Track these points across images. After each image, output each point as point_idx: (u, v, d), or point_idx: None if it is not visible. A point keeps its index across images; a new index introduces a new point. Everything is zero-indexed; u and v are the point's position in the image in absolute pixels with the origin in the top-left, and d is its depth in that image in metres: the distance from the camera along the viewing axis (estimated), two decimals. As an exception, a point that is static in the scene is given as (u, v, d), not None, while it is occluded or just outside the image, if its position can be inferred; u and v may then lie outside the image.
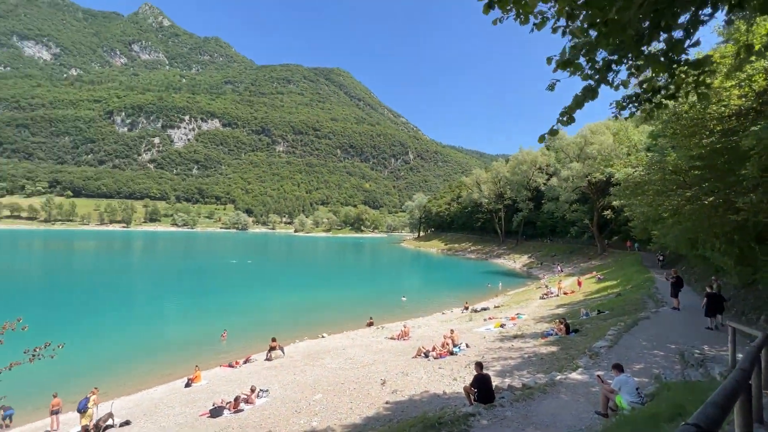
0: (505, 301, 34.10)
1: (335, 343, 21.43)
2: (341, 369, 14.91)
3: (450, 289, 47.11)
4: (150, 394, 15.42)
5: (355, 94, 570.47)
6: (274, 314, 32.53)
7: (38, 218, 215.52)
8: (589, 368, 9.39)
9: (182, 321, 31.02)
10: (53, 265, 68.43)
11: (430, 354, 15.45)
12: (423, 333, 22.34)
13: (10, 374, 16.26)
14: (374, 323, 27.35)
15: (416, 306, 36.05)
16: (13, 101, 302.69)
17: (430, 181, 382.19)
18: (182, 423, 10.95)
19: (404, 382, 12.05)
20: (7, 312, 33.14)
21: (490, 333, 19.53)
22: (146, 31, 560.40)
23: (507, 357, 13.48)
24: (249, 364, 18.83)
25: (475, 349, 15.90)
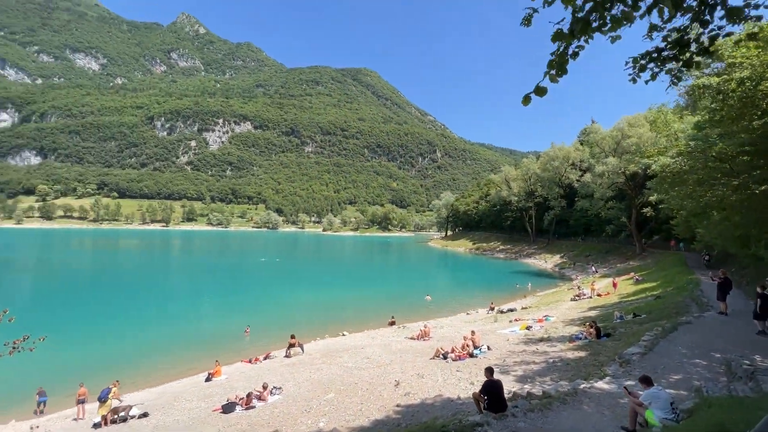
0: (534, 303, 32.68)
1: (355, 342, 21.22)
2: (357, 368, 14.63)
3: (476, 289, 45.88)
4: (172, 387, 15.81)
5: (382, 94, 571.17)
6: (298, 311, 32.83)
7: (88, 218, 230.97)
8: (618, 377, 8.54)
9: (210, 316, 31.95)
10: (101, 262, 73.00)
11: (448, 355, 14.86)
12: (445, 333, 21.69)
13: (44, 362, 17.15)
14: (396, 322, 26.95)
15: (441, 306, 35.30)
16: (66, 110, 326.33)
17: (459, 180, 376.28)
18: (195, 417, 11.03)
19: (419, 384, 11.57)
20: (56, 303, 35.48)
21: (515, 335, 18.62)
22: (183, 39, 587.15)
23: (530, 361, 12.68)
24: (268, 361, 18.96)
25: (497, 352, 15.15)
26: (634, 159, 37.57)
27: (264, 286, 47.80)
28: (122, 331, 26.48)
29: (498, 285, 47.80)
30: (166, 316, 31.35)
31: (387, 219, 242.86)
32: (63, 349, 22.91)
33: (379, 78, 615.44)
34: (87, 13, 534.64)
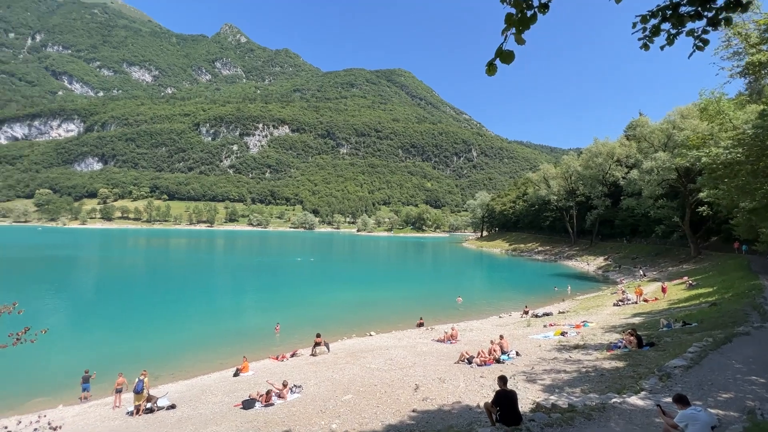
0: (572, 307, 30.89)
1: (381, 343, 21.03)
2: (379, 369, 14.41)
3: (510, 291, 44.26)
4: (203, 381, 16.39)
5: (416, 94, 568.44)
6: (328, 310, 33.18)
7: (142, 219, 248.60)
8: (655, 392, 7.67)
9: (244, 313, 33.08)
10: (152, 260, 78.20)
11: (473, 360, 14.26)
12: (473, 337, 20.97)
13: (88, 352, 18.33)
14: (424, 324, 26.49)
15: (472, 308, 34.32)
16: (123, 119, 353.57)
17: (495, 179, 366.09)
18: (217, 412, 11.30)
19: (438, 389, 11.15)
20: (110, 297, 38.32)
21: (548, 341, 17.59)
22: (226, 48, 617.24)
23: (560, 370, 11.85)
24: (295, 358, 19.21)
25: (526, 358, 14.34)
26: (681, 151, 34.48)
27: (297, 284, 48.89)
28: (165, 325, 28.01)
29: (534, 288, 45.83)
30: (205, 311, 32.82)
31: (421, 219, 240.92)
32: (112, 340, 24.61)
33: (413, 78, 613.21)
34: (141, 29, 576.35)
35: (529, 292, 42.93)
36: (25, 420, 5.06)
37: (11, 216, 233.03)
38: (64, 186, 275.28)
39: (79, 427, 11.42)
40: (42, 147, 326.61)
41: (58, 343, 23.83)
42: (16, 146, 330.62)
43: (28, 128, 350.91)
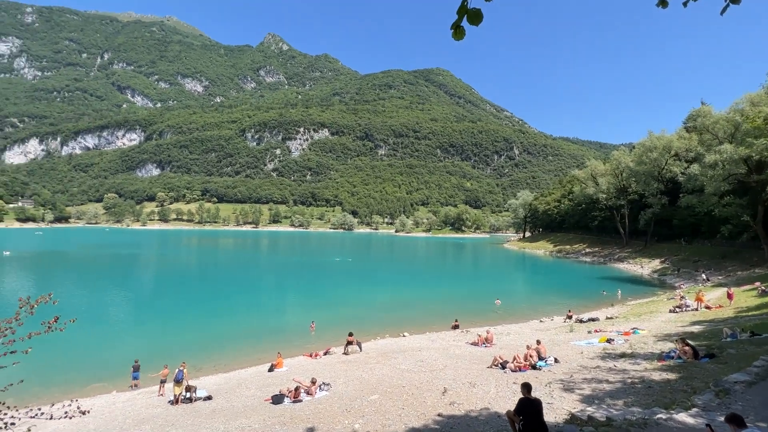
0: (622, 313, 28.74)
1: (413, 344, 20.76)
2: (409, 371, 14.18)
3: (554, 295, 42.07)
4: (239, 374, 17.04)
5: (455, 92, 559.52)
6: (363, 310, 33.38)
7: (194, 220, 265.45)
8: (709, 409, 6.82)
9: (282, 310, 34.12)
10: (203, 258, 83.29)
11: (507, 365, 13.62)
12: (510, 341, 20.10)
13: (142, 343, 19.63)
14: (460, 326, 25.82)
15: (511, 311, 33.04)
16: (177, 127, 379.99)
17: (539, 178, 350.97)
18: (248, 405, 11.65)
19: (467, 393, 10.73)
20: (165, 292, 41.16)
21: (591, 348, 16.43)
22: (269, 57, 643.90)
23: (603, 379, 10.97)
24: (327, 356, 19.45)
25: (565, 366, 13.47)
26: (747, 140, 31.00)
27: (334, 284, 49.74)
28: (210, 320, 29.56)
29: (580, 291, 43.26)
30: (247, 308, 34.28)
31: (460, 220, 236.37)
32: (163, 333, 26.38)
33: (452, 77, 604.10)
34: (193, 43, 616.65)
35: (574, 295, 40.56)
36: (59, 404, 5.49)
37: (84, 218, 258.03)
38: (128, 190, 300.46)
39: (127, 412, 12.26)
40: (109, 155, 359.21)
41: (116, 333, 25.93)
42: (88, 155, 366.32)
43: (97, 139, 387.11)
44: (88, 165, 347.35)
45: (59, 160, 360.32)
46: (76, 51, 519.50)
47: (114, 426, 10.78)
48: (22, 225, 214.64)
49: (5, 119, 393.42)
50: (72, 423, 11.62)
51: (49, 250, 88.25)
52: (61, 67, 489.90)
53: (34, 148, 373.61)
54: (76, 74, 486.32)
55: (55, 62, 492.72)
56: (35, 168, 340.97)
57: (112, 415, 11.95)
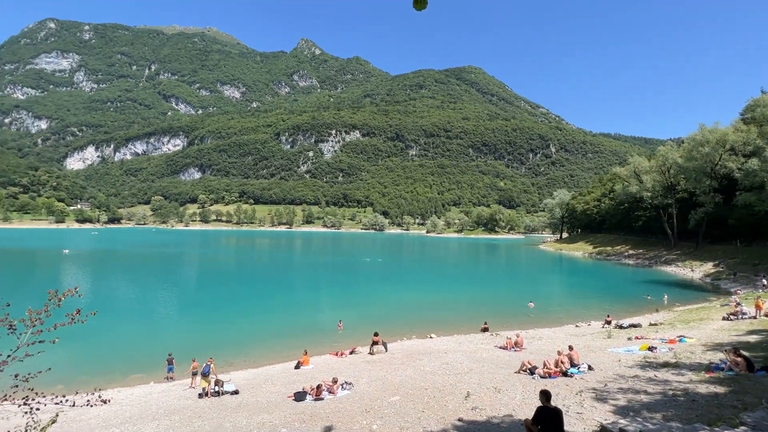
0: (668, 319, 26.77)
1: (440, 346, 20.39)
2: (433, 373, 13.91)
3: (592, 298, 40.01)
4: (267, 370, 17.46)
5: (488, 90, 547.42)
6: (391, 310, 33.28)
7: (232, 221, 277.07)
8: (761, 429, 6.08)
9: (312, 309, 34.66)
10: (240, 257, 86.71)
11: (536, 371, 13.01)
12: (542, 346, 19.25)
13: (180, 337, 20.55)
14: (489, 329, 25.09)
15: (544, 315, 31.74)
16: (217, 133, 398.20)
17: (577, 176, 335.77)
18: (272, 401, 11.86)
19: (491, 399, 10.33)
20: (202, 287, 43.09)
21: (630, 356, 15.37)
22: (303, 62, 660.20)
23: (640, 390, 10.20)
24: (353, 356, 19.51)
25: (600, 374, 12.67)
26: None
27: (364, 284, 50.03)
28: (244, 316, 30.61)
29: (621, 295, 40.88)
30: (279, 305, 35.19)
31: (493, 220, 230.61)
32: (201, 327, 27.60)
33: (485, 74, 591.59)
34: (231, 52, 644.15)
35: (614, 300, 38.37)
36: (83, 393, 5.82)
37: (134, 219, 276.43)
38: (172, 193, 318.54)
39: (160, 403, 12.88)
40: (156, 160, 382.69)
41: (157, 327, 27.43)
42: (137, 160, 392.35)
43: (146, 145, 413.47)
44: (137, 169, 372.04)
45: (112, 166, 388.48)
46: (127, 64, 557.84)
47: (148, 415, 11.34)
48: (80, 225, 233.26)
49: (67, 129, 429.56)
50: (112, 410, 12.36)
51: (103, 248, 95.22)
52: (114, 79, 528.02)
53: (91, 155, 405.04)
54: (127, 85, 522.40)
55: (109, 75, 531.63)
56: (92, 173, 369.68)
57: (147, 405, 12.59)
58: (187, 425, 9.90)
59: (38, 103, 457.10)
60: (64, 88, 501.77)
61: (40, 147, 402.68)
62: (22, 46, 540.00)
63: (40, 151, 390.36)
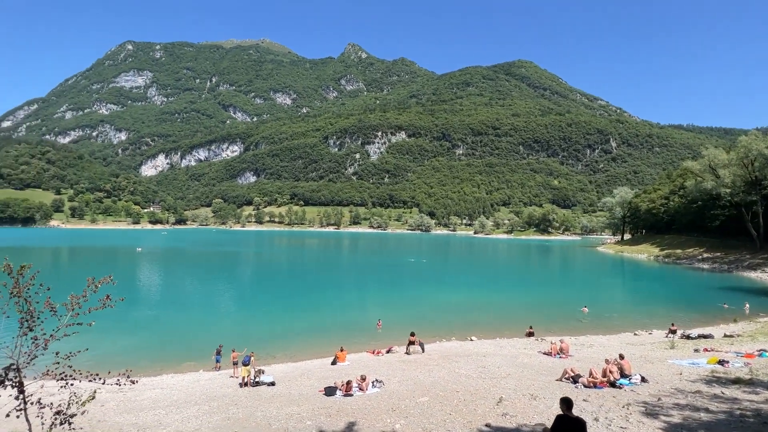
0: (748, 331, 23.60)
1: (480, 349, 19.69)
2: (467, 376, 13.43)
3: (658, 305, 36.52)
4: (306, 365, 17.94)
5: (539, 84, 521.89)
6: (432, 311, 32.79)
7: (284, 222, 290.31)
8: None
9: (354, 307, 35.15)
10: (290, 256, 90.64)
11: (580, 380, 12.04)
12: (591, 354, 17.84)
13: (228, 330, 21.82)
14: (534, 333, 23.78)
15: (600, 321, 29.46)
16: (270, 138, 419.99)
17: (642, 172, 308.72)
18: (304, 394, 12.14)
19: (525, 406, 9.71)
20: (257, 284, 45.54)
21: (695, 369, 13.71)
22: (349, 66, 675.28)
23: (701, 407, 9.04)
24: (389, 355, 19.46)
25: (654, 387, 11.44)
26: None
27: (407, 284, 49.81)
28: (290, 312, 31.81)
29: (692, 303, 36.80)
30: (323, 303, 36.15)
31: (546, 220, 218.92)
32: (252, 321, 29.14)
33: (536, 68, 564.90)
34: (283, 61, 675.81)
35: (684, 307, 34.66)
36: (114, 375, 6.36)
37: (198, 220, 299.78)
38: (231, 196, 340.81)
39: (204, 389, 13.75)
40: (216, 166, 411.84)
41: (213, 320, 29.38)
42: (201, 166, 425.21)
43: (207, 152, 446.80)
44: (200, 175, 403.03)
45: (179, 172, 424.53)
46: (191, 78, 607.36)
47: (191, 399, 12.13)
48: (153, 226, 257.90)
49: (142, 139, 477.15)
50: (163, 394, 13.39)
51: (170, 247, 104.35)
52: (180, 93, 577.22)
53: (162, 162, 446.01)
54: (192, 97, 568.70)
55: (176, 89, 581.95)
56: (162, 179, 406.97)
57: (192, 390, 13.49)
58: (223, 411, 10.44)
59: (119, 118, 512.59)
60: (139, 102, 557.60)
61: (120, 156, 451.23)
62: (106, 67, 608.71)
63: (120, 160, 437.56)
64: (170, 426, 9.22)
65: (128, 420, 10.09)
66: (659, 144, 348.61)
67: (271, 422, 9.15)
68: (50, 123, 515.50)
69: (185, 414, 10.20)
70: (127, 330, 25.35)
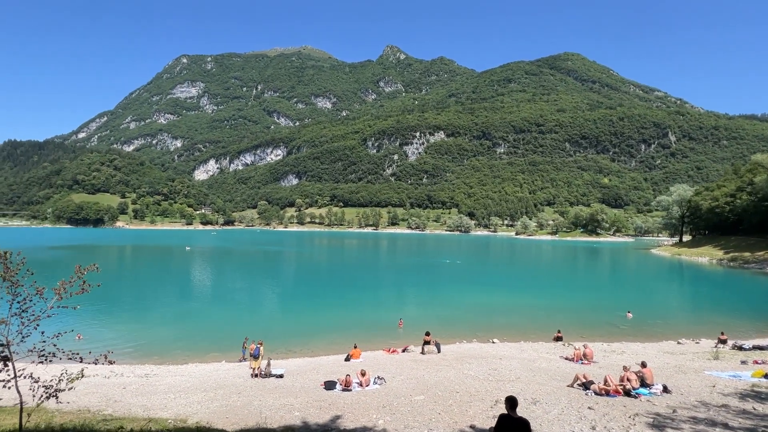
0: (818, 343, 20.72)
1: (498, 351, 19.02)
2: (474, 378, 13.04)
3: (711, 312, 33.29)
4: (320, 360, 18.31)
5: (588, 77, 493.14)
6: (458, 311, 32.13)
7: (324, 223, 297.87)
8: None
9: (381, 306, 35.20)
10: (329, 255, 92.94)
11: (591, 386, 11.25)
12: (620, 361, 16.54)
13: (256, 324, 22.80)
14: (563, 338, 22.53)
15: (641, 327, 27.32)
16: (311, 141, 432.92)
17: (707, 168, 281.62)
18: (306, 387, 12.41)
19: (522, 410, 9.21)
20: (295, 280, 47.21)
21: (733, 382, 12.30)
22: (388, 68, 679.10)
23: (720, 422, 8.13)
24: (404, 354, 19.33)
25: (677, 398, 10.44)
26: None
27: (438, 284, 49.14)
28: (320, 309, 32.59)
29: (756, 311, 33.16)
30: (352, 301, 36.62)
31: (594, 221, 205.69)
32: (281, 316, 30.24)
33: (584, 60, 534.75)
34: (323, 66, 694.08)
35: (745, 316, 31.31)
36: (96, 356, 6.87)
37: (244, 221, 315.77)
38: (274, 198, 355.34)
39: (219, 378, 14.48)
40: (261, 169, 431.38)
41: (244, 314, 30.82)
42: (247, 170, 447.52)
43: (253, 156, 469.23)
44: (246, 178, 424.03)
45: (228, 175, 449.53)
46: (239, 86, 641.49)
47: (202, 386, 12.83)
48: (204, 227, 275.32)
49: (195, 146, 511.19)
50: (181, 380, 14.27)
51: (217, 246, 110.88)
52: (229, 101, 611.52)
53: (212, 167, 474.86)
54: (239, 105, 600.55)
55: (225, 98, 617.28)
56: (212, 182, 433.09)
57: (207, 378, 14.27)
58: (224, 399, 10.95)
59: (175, 126, 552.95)
60: (192, 111, 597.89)
61: (177, 162, 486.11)
62: (164, 80, 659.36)
63: (176, 165, 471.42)
64: (172, 409, 9.85)
65: (139, 402, 10.89)
66: (727, 137, 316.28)
67: (263, 411, 9.47)
68: (117, 133, 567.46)
69: (190, 399, 10.83)
70: (167, 321, 27.30)
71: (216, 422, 8.49)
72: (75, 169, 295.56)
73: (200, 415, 9.22)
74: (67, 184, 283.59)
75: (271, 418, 8.88)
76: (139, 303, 34.12)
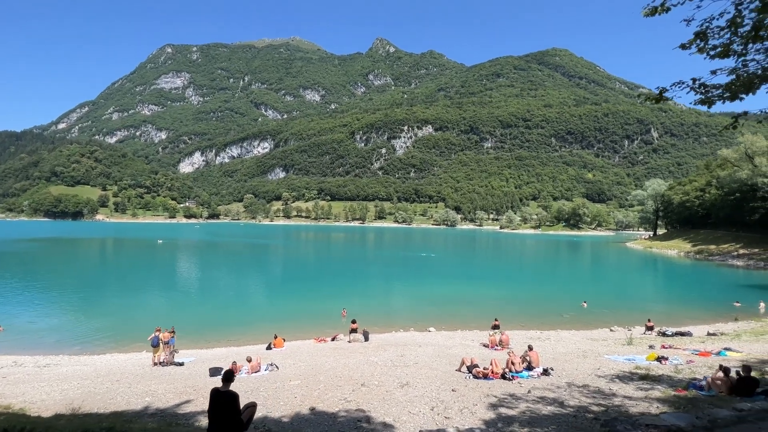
0: (741, 330, 21.34)
1: (424, 339, 19.09)
2: (374, 364, 12.96)
3: (661, 302, 34.17)
4: (240, 350, 18.03)
5: (574, 73, 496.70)
6: (410, 302, 32.34)
7: (311, 217, 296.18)
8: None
9: (333, 297, 34.57)
10: (313, 249, 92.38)
11: (473, 370, 11.27)
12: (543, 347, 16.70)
13: (183, 314, 22.15)
14: (500, 327, 22.65)
15: (583, 316, 27.81)
16: (298, 135, 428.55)
17: (687, 164, 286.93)
18: (192, 374, 12.20)
19: (382, 393, 9.16)
20: (288, 274, 46.59)
21: (620, 366, 12.47)
22: (377, 61, 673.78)
23: (559, 401, 8.15)
24: (333, 342, 19.28)
25: (551, 380, 10.52)
26: None
27: (403, 276, 49.21)
28: (269, 300, 32.32)
29: (701, 300, 34.04)
30: (309, 291, 36.35)
31: (576, 215, 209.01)
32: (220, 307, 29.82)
33: (571, 56, 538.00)
34: (312, 58, 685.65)
35: (692, 305, 32.15)
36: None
37: (230, 215, 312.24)
38: (261, 191, 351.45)
39: (127, 368, 14.17)
40: (248, 162, 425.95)
41: (179, 304, 30.32)
42: (233, 163, 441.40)
43: (240, 149, 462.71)
44: (233, 171, 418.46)
45: (213, 168, 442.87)
46: (225, 77, 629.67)
47: (89, 375, 12.54)
48: (187, 220, 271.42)
49: (180, 138, 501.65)
50: (79, 369, 13.92)
51: (195, 239, 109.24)
52: (215, 92, 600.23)
53: (198, 159, 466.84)
54: (225, 97, 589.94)
55: (212, 89, 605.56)
56: (198, 175, 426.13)
57: (104, 367, 14.00)
58: (95, 386, 10.73)
59: (159, 118, 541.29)
60: (178, 103, 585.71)
61: (161, 154, 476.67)
62: (148, 70, 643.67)
63: (160, 158, 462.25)
64: (25, 397, 9.54)
65: (13, 391, 10.52)
66: (707, 133, 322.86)
67: (118, 397, 9.25)
68: (99, 124, 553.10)
69: (56, 388, 10.55)
70: (106, 313, 26.72)
71: (55, 409, 8.22)
72: (54, 161, 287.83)
73: (46, 403, 8.94)
74: (45, 176, 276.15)
75: (117, 403, 8.67)
76: (85, 295, 33.31)
